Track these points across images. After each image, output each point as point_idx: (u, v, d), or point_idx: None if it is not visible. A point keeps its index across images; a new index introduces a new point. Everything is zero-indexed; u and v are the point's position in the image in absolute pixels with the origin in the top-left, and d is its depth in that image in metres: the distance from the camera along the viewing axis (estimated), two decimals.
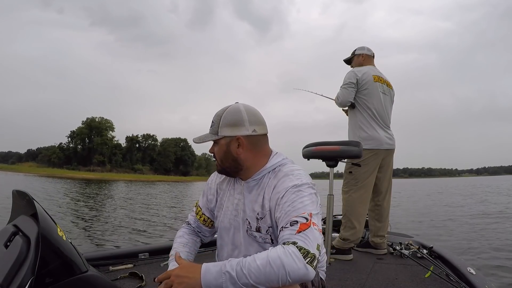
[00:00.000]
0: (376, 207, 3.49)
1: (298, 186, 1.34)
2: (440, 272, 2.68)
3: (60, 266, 1.75)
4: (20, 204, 2.00)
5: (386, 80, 3.50)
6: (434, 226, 9.33)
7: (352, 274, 2.82)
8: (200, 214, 1.67)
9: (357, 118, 3.40)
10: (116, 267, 2.87)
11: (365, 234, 3.69)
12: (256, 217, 1.44)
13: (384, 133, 3.38)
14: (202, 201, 1.68)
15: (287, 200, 1.31)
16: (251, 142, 1.47)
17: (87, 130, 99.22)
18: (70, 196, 20.82)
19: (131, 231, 8.87)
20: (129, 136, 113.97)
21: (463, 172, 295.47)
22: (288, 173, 1.41)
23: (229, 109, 1.49)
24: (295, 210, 1.27)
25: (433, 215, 11.87)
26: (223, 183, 1.63)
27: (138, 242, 7.37)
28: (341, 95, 3.41)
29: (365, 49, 3.60)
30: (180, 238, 1.63)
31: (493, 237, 7.41)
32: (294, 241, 1.16)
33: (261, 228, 1.43)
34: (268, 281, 1.11)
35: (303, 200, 1.30)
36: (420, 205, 16.36)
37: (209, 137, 1.50)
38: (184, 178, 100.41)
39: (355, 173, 3.31)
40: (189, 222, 1.71)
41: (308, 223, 1.22)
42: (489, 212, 12.24)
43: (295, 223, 1.22)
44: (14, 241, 1.66)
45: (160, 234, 8.54)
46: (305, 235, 1.18)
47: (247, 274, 1.11)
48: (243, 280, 1.11)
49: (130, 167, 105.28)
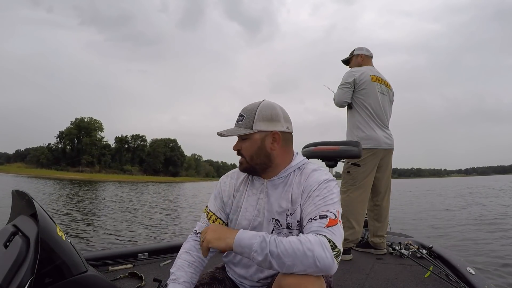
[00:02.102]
0: (375, 207, 3.48)
1: (329, 181, 1.39)
2: (439, 272, 2.67)
3: (59, 266, 1.74)
4: (20, 204, 1.99)
5: (384, 80, 3.50)
6: (433, 226, 9.34)
7: (352, 274, 2.81)
8: (213, 218, 1.56)
9: (355, 118, 3.39)
10: (116, 267, 2.85)
11: (365, 234, 3.68)
12: (286, 214, 1.43)
13: (382, 132, 3.38)
14: (215, 205, 1.58)
15: (319, 194, 1.34)
16: (284, 139, 1.47)
17: (76, 130, 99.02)
18: (69, 196, 20.80)
19: (131, 231, 8.87)
20: (118, 137, 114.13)
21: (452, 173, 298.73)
22: (315, 169, 1.45)
23: (264, 104, 1.47)
24: (326, 205, 1.30)
25: (433, 215, 11.89)
26: (241, 184, 1.57)
27: (137, 242, 7.38)
28: (337, 95, 3.41)
29: (364, 50, 3.58)
30: (186, 254, 1.51)
31: (493, 237, 7.43)
32: (324, 234, 1.19)
33: (291, 224, 1.42)
34: (293, 257, 1.13)
35: (333, 197, 1.34)
36: (420, 205, 16.42)
37: (242, 130, 1.44)
38: (174, 179, 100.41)
39: (353, 173, 3.30)
40: (198, 231, 1.57)
41: (336, 220, 1.26)
42: (489, 212, 12.29)
43: (325, 217, 1.25)
44: (14, 241, 1.65)
45: (159, 234, 8.54)
46: (334, 230, 1.21)
47: (278, 243, 1.15)
48: (272, 247, 1.15)
49: (119, 168, 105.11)
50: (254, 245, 1.17)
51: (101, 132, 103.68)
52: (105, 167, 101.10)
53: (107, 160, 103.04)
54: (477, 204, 15.93)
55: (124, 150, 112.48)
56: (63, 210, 12.94)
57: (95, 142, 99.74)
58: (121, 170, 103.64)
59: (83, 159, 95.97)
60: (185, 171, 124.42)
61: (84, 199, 19.05)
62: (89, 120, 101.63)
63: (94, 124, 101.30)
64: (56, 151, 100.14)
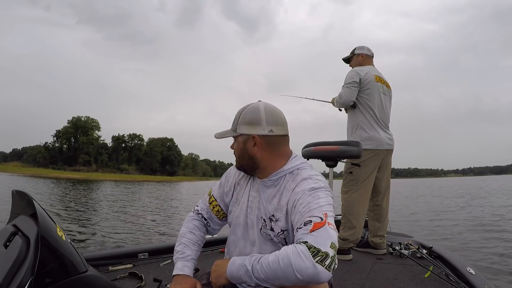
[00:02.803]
0: (375, 207, 3.48)
1: (315, 189, 1.34)
2: (439, 272, 2.67)
3: (59, 266, 1.74)
4: (20, 204, 1.99)
5: (385, 81, 3.50)
6: (433, 226, 9.36)
7: (352, 274, 2.81)
8: (214, 204, 1.65)
9: (358, 118, 3.37)
10: (116, 267, 2.85)
11: (365, 234, 3.68)
12: (270, 218, 1.44)
13: (384, 133, 3.38)
14: (218, 191, 1.67)
15: (303, 201, 1.31)
16: (268, 142, 1.46)
17: (72, 129, 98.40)
18: (66, 195, 20.75)
19: (131, 231, 8.85)
20: (115, 136, 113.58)
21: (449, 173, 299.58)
22: (306, 177, 1.40)
23: (249, 107, 1.49)
24: (310, 210, 1.27)
25: (433, 215, 11.92)
26: (242, 178, 1.62)
27: (137, 242, 7.37)
28: (344, 94, 3.36)
29: (365, 49, 3.57)
30: (190, 233, 1.61)
31: (492, 237, 7.45)
32: (305, 240, 1.16)
33: (273, 229, 1.43)
34: (277, 277, 1.15)
35: (319, 201, 1.30)
36: (420, 205, 16.44)
37: (228, 133, 1.52)
38: (171, 178, 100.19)
39: (355, 173, 3.29)
40: (199, 212, 1.68)
41: (323, 222, 1.21)
42: (489, 212, 12.32)
43: (309, 223, 1.22)
44: (14, 241, 1.65)
45: (159, 234, 8.53)
46: (318, 234, 1.17)
47: (259, 269, 1.18)
48: (256, 274, 1.19)
49: (116, 167, 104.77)
50: (242, 276, 1.22)
51: (98, 131, 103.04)
52: (102, 166, 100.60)
53: (104, 159, 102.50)
54: (477, 204, 15.96)
55: (121, 149, 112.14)
56: (61, 210, 12.91)
57: (92, 141, 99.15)
58: (118, 169, 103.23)
59: (80, 158, 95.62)
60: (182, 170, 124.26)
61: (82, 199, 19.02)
62: (86, 119, 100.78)
63: (91, 123, 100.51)
64: (53, 150, 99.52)
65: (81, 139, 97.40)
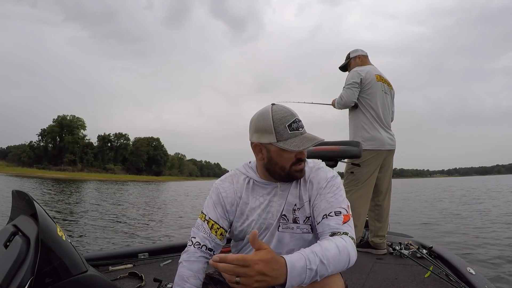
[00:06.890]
0: (376, 207, 3.48)
1: (336, 177, 1.46)
2: (439, 272, 2.67)
3: (59, 266, 1.73)
4: (20, 204, 1.99)
5: (386, 80, 3.49)
6: (433, 226, 9.38)
7: (352, 274, 2.81)
8: (216, 228, 1.46)
9: (359, 118, 3.36)
10: (116, 267, 2.87)
11: (365, 234, 3.68)
12: (292, 209, 1.45)
13: (386, 133, 3.37)
14: (216, 212, 1.49)
15: (330, 191, 1.40)
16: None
17: (58, 128, 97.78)
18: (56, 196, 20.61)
19: (131, 230, 8.86)
20: (101, 135, 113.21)
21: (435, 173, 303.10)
22: (319, 167, 1.50)
23: (258, 114, 1.44)
24: (338, 201, 1.37)
25: (433, 215, 11.94)
26: (241, 189, 1.51)
27: (137, 242, 7.38)
28: (345, 95, 3.34)
29: (359, 51, 3.56)
30: (195, 279, 1.40)
31: (492, 237, 7.45)
32: (345, 232, 1.27)
33: (298, 219, 1.44)
34: (338, 269, 1.17)
35: (342, 193, 1.42)
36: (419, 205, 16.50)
37: None
38: (157, 178, 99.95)
39: (356, 173, 3.29)
40: (201, 244, 1.45)
41: (348, 215, 1.34)
42: (488, 212, 12.36)
43: (339, 214, 1.33)
44: (14, 241, 1.66)
45: (159, 234, 8.51)
46: (350, 225, 1.31)
47: (327, 264, 1.12)
48: (322, 272, 1.11)
49: (102, 167, 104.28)
50: (305, 279, 1.06)
51: (83, 130, 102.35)
52: (88, 166, 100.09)
53: (90, 158, 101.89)
54: (477, 204, 16.02)
55: (107, 149, 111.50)
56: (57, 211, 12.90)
57: (78, 140, 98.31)
58: (103, 169, 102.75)
59: (65, 158, 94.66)
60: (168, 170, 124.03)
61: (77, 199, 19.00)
62: (72, 118, 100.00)
63: (76, 122, 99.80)
64: (38, 149, 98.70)
65: (67, 138, 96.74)
